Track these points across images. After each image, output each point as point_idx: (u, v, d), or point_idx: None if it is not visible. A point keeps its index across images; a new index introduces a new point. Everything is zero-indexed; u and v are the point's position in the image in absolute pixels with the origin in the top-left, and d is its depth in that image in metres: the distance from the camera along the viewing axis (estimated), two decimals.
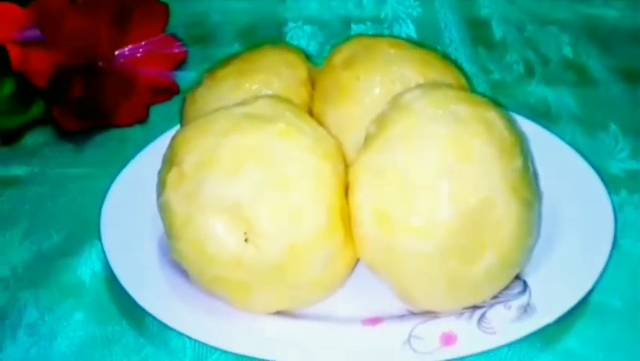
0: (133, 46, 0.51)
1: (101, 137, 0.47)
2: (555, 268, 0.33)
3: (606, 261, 0.33)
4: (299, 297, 0.32)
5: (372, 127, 0.32)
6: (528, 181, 0.32)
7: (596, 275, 0.32)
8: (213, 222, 0.30)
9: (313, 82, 0.39)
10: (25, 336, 0.34)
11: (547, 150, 0.39)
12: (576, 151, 0.40)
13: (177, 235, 0.31)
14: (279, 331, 0.31)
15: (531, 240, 0.32)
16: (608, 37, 0.56)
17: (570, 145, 0.40)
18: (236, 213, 0.30)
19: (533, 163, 0.33)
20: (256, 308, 0.32)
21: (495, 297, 0.32)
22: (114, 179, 0.40)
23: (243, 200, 0.30)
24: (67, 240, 0.39)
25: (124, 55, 0.50)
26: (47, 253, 0.39)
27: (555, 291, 0.32)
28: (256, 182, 0.30)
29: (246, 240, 0.30)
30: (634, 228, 0.38)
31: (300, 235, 0.30)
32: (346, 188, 0.32)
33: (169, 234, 0.32)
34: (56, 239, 0.40)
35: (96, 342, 0.33)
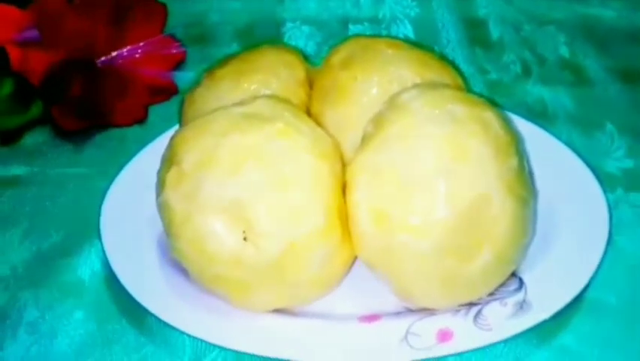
0: (131, 46, 0.51)
1: (100, 137, 0.48)
2: (551, 266, 0.33)
3: (601, 258, 0.33)
4: (297, 295, 0.32)
5: (369, 127, 0.33)
6: (524, 180, 0.32)
7: (591, 272, 0.33)
8: (212, 221, 0.30)
9: (311, 82, 0.40)
10: (25, 335, 0.34)
11: (543, 149, 0.39)
12: (572, 150, 0.40)
13: (176, 234, 0.31)
14: (278, 328, 0.32)
15: (527, 237, 0.32)
16: (605, 37, 0.56)
17: (566, 144, 0.41)
18: (235, 212, 0.30)
19: (529, 162, 0.34)
20: (255, 306, 0.32)
21: (491, 294, 0.32)
22: (113, 179, 0.40)
23: (242, 199, 0.30)
24: (66, 239, 0.40)
25: (123, 55, 0.50)
26: (47, 253, 0.39)
27: (550, 288, 0.32)
28: (255, 181, 0.30)
29: (245, 239, 0.30)
30: (629, 225, 0.39)
31: (299, 234, 0.30)
32: (344, 187, 0.32)
33: (168, 233, 0.32)
34: (56, 239, 0.40)
35: (96, 341, 0.34)
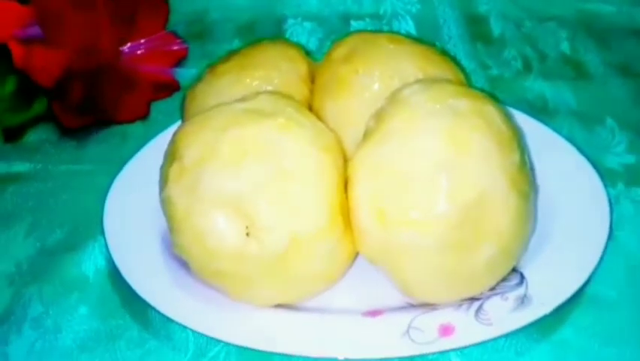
0: (134, 43, 0.51)
1: (103, 133, 0.48)
2: (551, 261, 0.33)
3: (601, 253, 0.33)
4: (300, 290, 0.32)
5: (371, 122, 0.33)
6: (526, 174, 0.32)
7: (592, 267, 0.33)
8: (214, 216, 0.30)
9: (313, 78, 0.40)
10: (30, 330, 0.34)
11: (544, 145, 0.40)
12: (573, 145, 0.40)
13: (179, 230, 0.31)
14: (281, 323, 0.32)
15: (528, 231, 0.32)
16: (606, 32, 0.56)
17: (567, 139, 0.41)
18: (237, 206, 0.30)
19: (530, 157, 0.34)
20: (258, 301, 0.32)
21: (492, 289, 0.32)
22: (116, 175, 0.40)
23: (244, 194, 0.30)
24: (70, 235, 0.40)
25: (125, 52, 0.51)
26: (51, 249, 0.39)
27: (551, 283, 0.32)
28: (257, 175, 0.30)
29: (248, 233, 0.30)
30: (630, 221, 0.39)
31: (301, 228, 0.30)
32: (346, 182, 0.32)
33: (171, 228, 0.32)
34: (60, 235, 0.40)
35: (100, 336, 0.34)
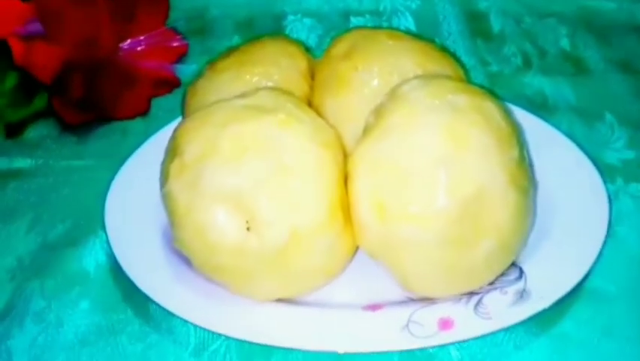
0: (134, 39, 0.51)
1: (104, 129, 0.48)
2: (550, 255, 0.34)
3: (600, 248, 0.33)
4: (300, 284, 0.33)
5: (371, 118, 0.33)
6: (525, 170, 0.32)
7: (591, 262, 0.33)
8: (215, 211, 0.30)
9: (313, 74, 0.40)
10: (32, 324, 0.35)
11: (544, 140, 0.40)
12: (572, 141, 0.40)
13: (180, 224, 0.32)
14: (282, 317, 0.32)
15: (527, 226, 0.32)
16: (606, 29, 0.57)
17: (567, 135, 0.41)
18: (237, 201, 0.30)
19: (529, 153, 0.34)
20: (258, 295, 0.33)
21: (491, 283, 0.32)
22: (117, 171, 0.40)
23: (245, 189, 0.30)
24: (71, 231, 0.40)
25: (125, 48, 0.51)
26: (52, 244, 0.39)
27: (550, 277, 0.32)
28: (257, 171, 0.30)
29: (248, 228, 0.30)
30: (629, 216, 0.39)
31: (301, 223, 0.30)
32: (345, 177, 0.32)
33: (172, 223, 0.32)
34: (61, 230, 0.40)
35: (102, 330, 0.34)
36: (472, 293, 0.32)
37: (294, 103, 0.33)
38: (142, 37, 0.51)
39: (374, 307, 0.32)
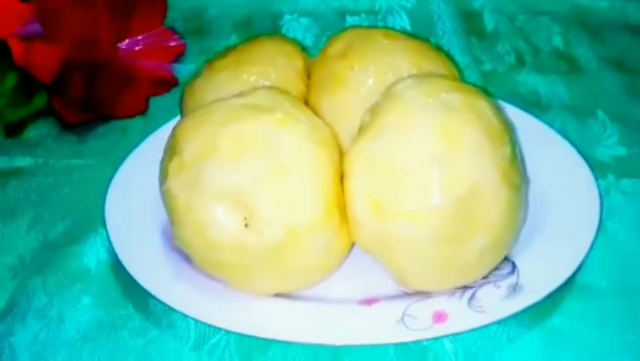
0: (132, 39, 0.51)
1: (103, 128, 0.48)
2: (542, 250, 0.34)
3: (591, 243, 0.34)
4: (298, 279, 0.33)
5: (366, 116, 0.33)
6: (517, 167, 0.33)
7: (582, 256, 0.34)
8: (214, 208, 0.31)
9: (309, 73, 0.40)
10: (34, 320, 0.35)
11: (537, 138, 0.40)
12: (565, 138, 0.41)
13: (179, 222, 0.32)
14: (280, 311, 0.32)
15: (520, 223, 0.33)
16: (598, 27, 0.57)
17: (559, 132, 0.41)
18: (236, 199, 0.31)
19: (521, 150, 0.34)
20: (257, 291, 0.33)
21: (485, 277, 0.33)
22: (116, 169, 0.41)
23: (243, 187, 0.31)
24: (72, 228, 0.41)
25: (123, 48, 0.51)
26: (53, 242, 0.40)
27: (542, 271, 0.33)
28: (255, 169, 0.31)
29: (246, 225, 0.31)
30: (620, 211, 0.39)
31: (298, 220, 0.31)
32: (341, 175, 0.33)
33: (172, 221, 0.33)
34: (62, 228, 0.41)
35: (103, 325, 0.35)
36: (466, 287, 0.33)
37: (291, 102, 0.34)
38: (140, 37, 0.52)
39: (370, 301, 0.33)
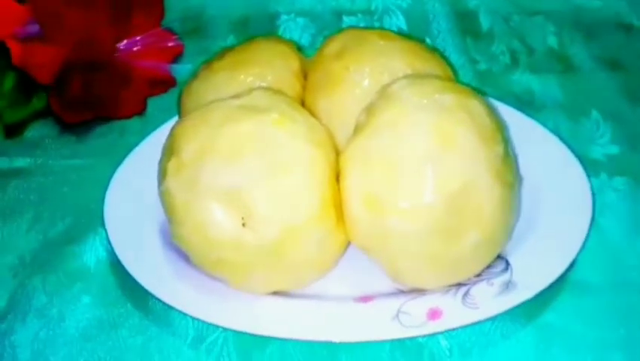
0: (130, 40, 0.52)
1: (102, 128, 0.49)
2: (535, 248, 0.35)
3: (584, 240, 0.35)
4: (295, 277, 0.34)
5: (362, 116, 0.34)
6: (509, 165, 0.33)
7: (574, 253, 0.34)
8: (212, 208, 0.31)
9: (305, 74, 0.41)
10: (34, 319, 0.35)
11: (531, 137, 0.41)
12: (558, 137, 0.41)
13: (178, 221, 0.33)
14: (277, 309, 0.33)
15: (512, 220, 0.34)
16: (593, 26, 0.57)
17: (553, 131, 0.42)
18: (234, 199, 0.31)
19: (513, 148, 0.35)
20: (255, 289, 0.34)
21: (478, 275, 0.34)
22: (115, 169, 0.41)
23: (241, 186, 0.31)
24: (72, 228, 0.41)
25: (121, 49, 0.51)
26: (53, 241, 0.40)
27: (535, 269, 0.34)
28: (252, 169, 0.31)
29: (244, 224, 0.31)
30: (612, 209, 0.40)
31: (295, 219, 0.31)
32: (337, 175, 0.33)
33: (170, 220, 0.33)
34: (61, 227, 0.41)
35: (103, 324, 0.35)
36: (460, 284, 0.33)
37: (288, 103, 0.34)
38: (138, 37, 0.52)
39: (366, 298, 0.33)
